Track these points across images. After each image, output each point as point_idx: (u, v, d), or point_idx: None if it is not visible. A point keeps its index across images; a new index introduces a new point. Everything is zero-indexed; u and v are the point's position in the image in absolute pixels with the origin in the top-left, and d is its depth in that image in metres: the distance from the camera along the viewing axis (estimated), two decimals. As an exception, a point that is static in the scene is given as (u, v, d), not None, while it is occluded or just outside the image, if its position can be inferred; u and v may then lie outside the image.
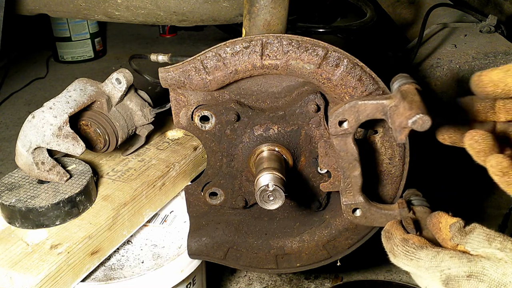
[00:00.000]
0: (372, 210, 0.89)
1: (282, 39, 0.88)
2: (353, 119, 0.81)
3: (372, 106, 0.80)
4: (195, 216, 1.06)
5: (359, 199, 0.89)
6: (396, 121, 0.74)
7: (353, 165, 0.86)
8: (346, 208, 0.90)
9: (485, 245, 0.68)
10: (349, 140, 0.84)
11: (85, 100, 1.08)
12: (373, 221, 0.90)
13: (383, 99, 0.79)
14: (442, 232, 0.74)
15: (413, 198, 0.92)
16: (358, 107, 0.80)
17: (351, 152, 0.85)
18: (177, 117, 0.97)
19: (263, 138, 0.95)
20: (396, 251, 0.74)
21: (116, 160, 1.22)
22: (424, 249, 0.72)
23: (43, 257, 0.91)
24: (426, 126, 0.69)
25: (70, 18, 3.02)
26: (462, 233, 0.71)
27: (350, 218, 0.90)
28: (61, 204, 0.98)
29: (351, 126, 0.82)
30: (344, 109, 0.81)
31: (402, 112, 0.73)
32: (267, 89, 0.96)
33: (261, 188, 0.82)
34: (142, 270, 1.04)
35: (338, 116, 0.82)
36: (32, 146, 0.99)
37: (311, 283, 1.45)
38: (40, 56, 3.28)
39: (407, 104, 0.72)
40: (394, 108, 0.77)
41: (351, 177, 0.87)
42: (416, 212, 0.87)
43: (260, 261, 1.07)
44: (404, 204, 0.88)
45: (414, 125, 0.69)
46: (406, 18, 2.09)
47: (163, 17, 1.40)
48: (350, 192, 0.88)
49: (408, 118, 0.70)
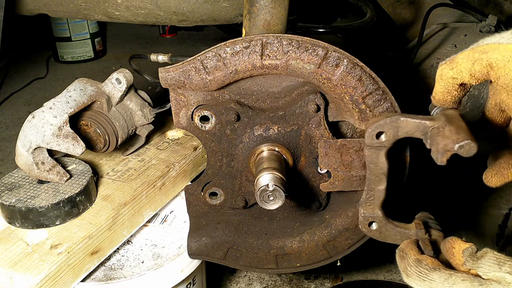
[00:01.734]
0: (388, 226, 0.89)
1: (282, 39, 0.88)
2: (391, 133, 0.81)
3: (414, 125, 0.79)
4: (195, 216, 1.06)
5: (378, 214, 0.88)
6: (440, 143, 0.73)
7: (380, 179, 0.85)
8: (363, 220, 0.89)
9: (496, 269, 0.69)
10: (382, 154, 0.83)
11: (85, 100, 1.08)
12: (387, 237, 0.90)
13: (426, 120, 0.79)
14: (456, 257, 0.76)
15: (427, 220, 0.91)
16: (400, 122, 0.80)
17: (381, 166, 0.84)
18: (177, 117, 0.97)
19: (263, 138, 0.95)
20: (409, 271, 0.75)
21: (116, 160, 1.22)
22: (437, 271, 0.73)
23: (43, 257, 0.91)
24: (472, 152, 0.70)
25: (70, 18, 3.02)
26: (474, 258, 0.73)
27: (365, 230, 0.90)
28: (61, 204, 0.98)
29: (388, 140, 0.81)
30: (385, 122, 0.80)
31: (448, 135, 0.73)
32: (267, 89, 0.96)
33: (261, 188, 0.82)
34: (142, 270, 1.04)
35: (377, 128, 0.81)
36: (32, 146, 0.99)
37: (311, 283, 1.45)
38: (40, 56, 3.28)
39: (454, 128, 0.73)
40: (436, 130, 0.76)
41: (375, 191, 0.86)
42: (431, 235, 0.87)
43: (260, 261, 1.07)
44: (421, 225, 0.88)
45: (460, 150, 0.70)
46: (406, 18, 2.09)
47: (163, 17, 1.40)
48: (370, 205, 0.88)
49: (455, 142, 0.71)
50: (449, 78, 0.78)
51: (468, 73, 0.76)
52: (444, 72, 0.78)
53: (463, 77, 0.77)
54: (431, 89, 0.83)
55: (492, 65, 0.74)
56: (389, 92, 0.90)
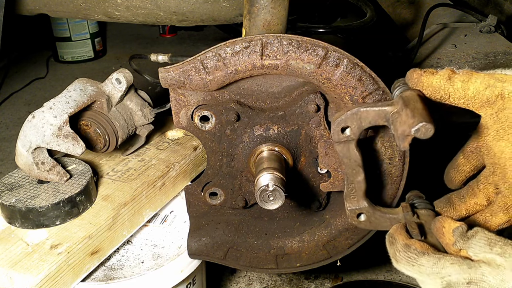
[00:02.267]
0: (376, 214, 0.89)
1: (282, 39, 0.88)
2: (355, 126, 0.81)
3: (374, 113, 0.79)
4: (195, 216, 1.06)
5: (363, 204, 0.88)
6: (398, 129, 0.73)
7: (357, 170, 0.86)
8: (351, 213, 0.89)
9: (486, 250, 0.68)
10: (352, 147, 0.84)
11: (85, 100, 1.08)
12: (377, 225, 0.90)
13: (385, 106, 0.79)
14: (446, 236, 0.75)
15: (416, 201, 0.91)
16: (360, 114, 0.80)
17: (354, 158, 0.85)
18: (177, 117, 0.97)
19: (263, 138, 0.95)
20: (398, 257, 0.75)
21: (116, 160, 1.22)
22: (426, 255, 0.72)
23: (43, 257, 0.91)
24: (429, 134, 0.69)
25: (70, 18, 3.02)
26: (465, 237, 0.72)
27: (355, 223, 0.90)
28: (61, 204, 0.98)
29: (354, 133, 0.82)
30: (346, 116, 0.81)
31: (405, 119, 0.72)
32: (267, 89, 0.96)
33: (261, 188, 0.82)
34: (142, 270, 1.04)
35: (340, 124, 0.82)
36: (32, 146, 0.99)
37: (311, 283, 1.45)
38: (40, 56, 3.28)
39: (409, 111, 0.72)
40: (396, 115, 0.76)
41: (355, 183, 0.87)
42: (420, 216, 0.86)
43: (260, 261, 1.07)
44: (408, 208, 0.88)
45: (417, 133, 0.69)
46: (406, 18, 2.09)
47: (163, 17, 1.40)
48: (354, 197, 0.88)
49: (411, 126, 0.70)
50: (452, 87, 0.77)
51: (473, 94, 0.77)
52: (454, 78, 0.78)
53: (466, 95, 0.77)
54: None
55: (504, 95, 0.75)
56: (389, 92, 0.90)
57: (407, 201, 0.93)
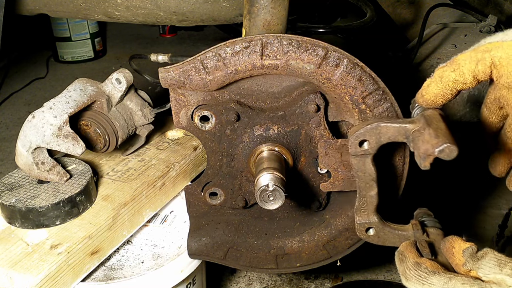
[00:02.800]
0: (385, 230, 0.89)
1: (282, 39, 0.88)
2: (374, 140, 0.81)
3: (395, 130, 0.79)
4: (195, 216, 1.06)
5: (374, 219, 0.88)
6: (421, 148, 0.73)
7: (370, 185, 0.86)
8: (360, 227, 0.89)
9: (496, 271, 0.69)
10: (368, 161, 0.83)
11: (85, 100, 1.08)
12: (386, 241, 0.90)
13: (406, 123, 0.79)
14: (456, 257, 0.75)
15: (425, 219, 0.91)
16: (380, 129, 0.80)
17: (369, 172, 0.84)
18: (177, 117, 0.97)
19: (263, 138, 0.95)
20: (408, 275, 0.75)
21: (116, 160, 1.22)
22: (437, 274, 0.72)
23: (43, 257, 0.91)
24: (453, 155, 0.69)
25: (70, 18, 3.02)
26: (475, 258, 0.72)
27: (363, 237, 0.90)
28: (61, 204, 0.98)
29: (372, 148, 0.82)
30: (365, 130, 0.81)
31: (428, 139, 0.72)
32: (267, 89, 0.96)
33: (261, 188, 0.82)
34: (142, 270, 1.04)
35: (359, 137, 0.81)
36: (32, 146, 0.99)
37: (311, 283, 1.45)
38: (40, 56, 3.28)
39: (433, 131, 0.72)
40: (417, 133, 0.76)
41: (367, 197, 0.87)
42: (429, 234, 0.86)
43: (260, 261, 1.07)
44: (418, 226, 0.87)
45: (440, 154, 0.69)
46: (406, 18, 2.09)
47: (163, 17, 1.40)
48: (364, 211, 0.88)
49: (434, 146, 0.69)
50: (449, 81, 0.76)
51: (471, 75, 0.75)
52: (445, 74, 0.77)
53: (465, 79, 0.76)
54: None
55: (495, 63, 0.73)
56: (389, 92, 0.90)
57: (415, 218, 0.93)
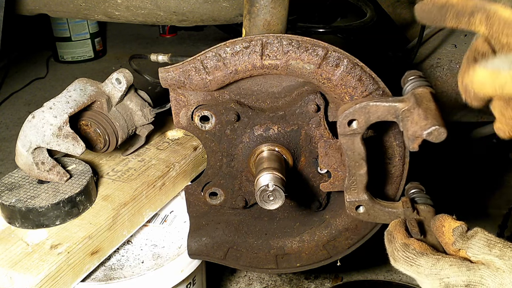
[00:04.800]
0: (375, 207, 0.89)
1: (282, 39, 0.88)
2: (363, 119, 0.81)
3: (384, 108, 0.79)
4: (195, 216, 1.06)
5: (363, 197, 0.88)
6: (409, 129, 0.72)
7: (360, 164, 0.85)
8: (350, 205, 0.89)
9: (486, 251, 0.68)
10: (357, 140, 0.83)
11: (85, 100, 1.08)
12: (376, 218, 0.90)
13: (396, 102, 0.78)
14: (445, 236, 0.74)
15: (416, 195, 0.91)
16: (370, 108, 0.79)
17: (359, 151, 0.84)
18: (177, 117, 0.97)
19: (263, 138, 0.95)
20: (396, 256, 0.74)
21: (116, 160, 1.22)
22: (425, 256, 0.72)
23: (43, 257, 0.91)
24: (441, 138, 0.67)
25: (70, 18, 3.02)
26: (464, 238, 0.71)
27: (353, 214, 0.90)
28: (61, 204, 0.98)
29: (361, 127, 0.81)
30: (354, 109, 0.80)
31: (417, 120, 0.71)
32: (267, 89, 0.96)
33: (261, 188, 0.82)
34: (142, 270, 1.04)
35: (348, 116, 0.81)
36: (32, 146, 0.99)
37: (311, 283, 1.45)
38: (40, 56, 3.28)
39: (422, 112, 0.71)
40: (407, 113, 0.75)
41: (357, 175, 0.87)
42: (420, 211, 0.86)
43: (260, 261, 1.07)
44: (408, 203, 0.87)
45: (429, 136, 0.68)
46: (406, 18, 2.09)
47: (163, 17, 1.40)
48: (354, 189, 0.88)
49: (423, 128, 0.68)
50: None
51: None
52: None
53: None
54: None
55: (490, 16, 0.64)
56: (389, 92, 0.90)
57: (406, 193, 0.93)
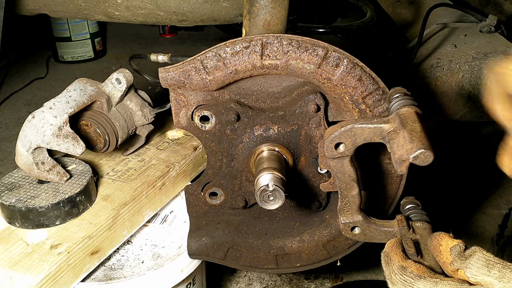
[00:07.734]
0: (371, 227, 0.88)
1: (282, 39, 0.88)
2: (349, 142, 0.80)
3: (370, 130, 0.78)
4: (195, 216, 1.06)
5: (358, 218, 0.87)
6: (396, 152, 0.71)
7: (351, 185, 0.85)
8: (345, 226, 0.88)
9: (484, 272, 0.66)
10: (346, 162, 0.82)
11: (85, 100, 1.08)
12: (372, 238, 0.89)
13: (381, 123, 0.77)
14: (443, 255, 0.73)
15: (412, 212, 0.90)
16: (355, 130, 0.78)
17: (349, 173, 0.83)
18: (177, 117, 0.97)
19: (263, 138, 0.95)
20: (394, 279, 0.73)
21: (116, 160, 1.22)
22: (422, 279, 0.70)
23: (43, 257, 0.91)
24: (428, 161, 0.67)
25: (70, 18, 3.02)
26: (462, 257, 0.70)
27: (349, 236, 0.89)
28: (61, 204, 0.98)
29: (348, 149, 0.80)
30: (340, 133, 0.79)
31: (403, 143, 0.70)
32: (267, 89, 0.96)
33: (261, 188, 0.82)
34: (142, 270, 1.04)
35: (334, 140, 0.80)
36: (32, 146, 0.99)
37: (311, 283, 1.45)
38: (40, 56, 3.28)
39: (407, 134, 0.70)
40: (393, 134, 0.74)
41: (349, 197, 0.86)
42: (416, 229, 0.85)
43: (260, 261, 1.07)
44: (403, 222, 0.86)
45: (415, 160, 0.67)
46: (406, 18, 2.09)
47: (163, 17, 1.40)
48: (348, 211, 0.87)
49: (409, 152, 0.67)
50: None
51: None
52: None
53: None
54: (431, 89, 0.81)
55: None
56: (389, 92, 0.90)
57: (402, 209, 0.92)
